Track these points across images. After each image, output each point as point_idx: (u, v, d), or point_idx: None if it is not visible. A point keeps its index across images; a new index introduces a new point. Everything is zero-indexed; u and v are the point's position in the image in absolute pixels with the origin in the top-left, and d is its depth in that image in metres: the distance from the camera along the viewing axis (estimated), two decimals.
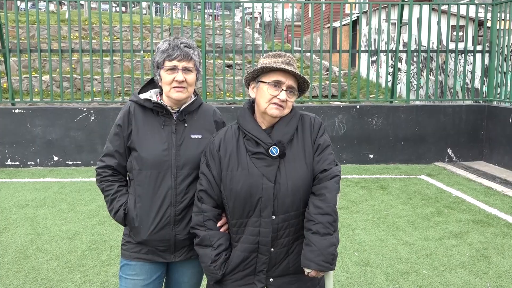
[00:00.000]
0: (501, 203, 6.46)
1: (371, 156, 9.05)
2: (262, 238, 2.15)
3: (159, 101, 2.40)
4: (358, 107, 9.06)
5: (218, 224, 2.25)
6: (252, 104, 2.29)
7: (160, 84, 2.40)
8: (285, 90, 2.14)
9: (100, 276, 4.17)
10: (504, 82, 9.22)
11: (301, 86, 2.24)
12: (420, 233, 5.29)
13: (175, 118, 2.40)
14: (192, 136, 2.39)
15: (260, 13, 31.16)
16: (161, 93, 2.45)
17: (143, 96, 2.44)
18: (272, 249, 2.17)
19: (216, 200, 2.23)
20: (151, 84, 2.51)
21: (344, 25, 20.81)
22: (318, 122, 2.27)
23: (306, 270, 2.11)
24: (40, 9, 20.19)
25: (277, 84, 2.14)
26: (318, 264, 2.07)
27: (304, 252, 2.11)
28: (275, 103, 2.14)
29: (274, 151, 2.15)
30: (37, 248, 4.80)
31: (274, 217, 2.14)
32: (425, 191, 7.10)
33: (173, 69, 2.31)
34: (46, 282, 4.06)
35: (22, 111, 8.62)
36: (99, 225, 5.47)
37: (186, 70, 2.33)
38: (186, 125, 2.40)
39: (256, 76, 2.22)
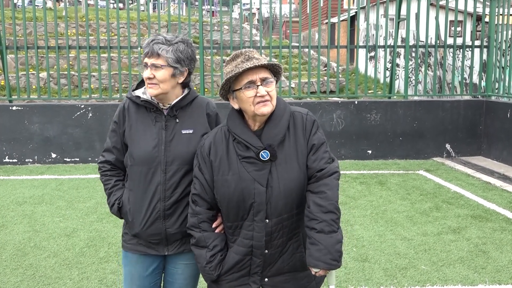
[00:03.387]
0: (499, 198, 6.46)
1: (370, 151, 9.05)
2: (256, 242, 2.13)
3: (147, 98, 2.41)
4: (356, 102, 9.05)
5: (214, 225, 2.24)
6: None
7: None
8: (260, 85, 2.07)
9: (98, 273, 4.17)
10: (502, 77, 9.21)
11: (274, 71, 2.14)
12: (418, 229, 5.29)
13: (165, 114, 2.41)
14: (183, 132, 2.39)
15: (258, 9, 31.09)
16: None
17: (136, 92, 2.47)
18: (267, 251, 2.15)
19: (210, 202, 2.21)
20: None
21: (342, 20, 20.78)
22: (310, 119, 2.19)
23: (314, 270, 2.07)
24: (37, 6, 20.13)
25: (250, 85, 2.06)
26: (326, 263, 2.02)
27: (310, 252, 2.05)
28: (259, 102, 2.06)
29: (265, 155, 2.09)
30: (35, 245, 4.79)
31: (267, 220, 2.11)
32: (423, 186, 7.10)
33: (145, 65, 2.34)
34: (44, 279, 4.05)
35: (20, 108, 8.60)
36: (97, 222, 5.46)
37: (154, 66, 2.31)
38: (177, 120, 2.41)
39: (227, 89, 2.14)
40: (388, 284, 3.98)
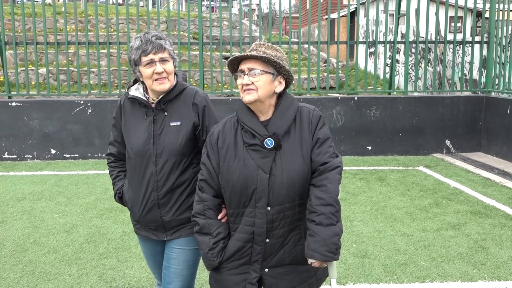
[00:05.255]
0: (499, 194, 6.46)
1: (369, 147, 9.04)
2: (257, 228, 2.18)
3: (133, 94, 2.55)
4: (356, 98, 9.03)
5: (219, 217, 2.28)
6: None
7: (141, 79, 2.52)
8: (247, 74, 2.15)
9: (97, 269, 4.17)
10: (502, 73, 9.20)
11: (276, 66, 2.18)
12: (418, 225, 5.29)
13: (154, 108, 2.52)
14: (171, 124, 2.51)
15: (257, 4, 31.03)
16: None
17: (131, 89, 2.60)
18: (267, 240, 2.19)
19: (216, 190, 2.26)
20: None
21: (342, 16, 20.73)
22: (317, 115, 2.26)
23: (310, 261, 2.13)
24: (36, 1, 20.07)
25: (240, 74, 2.18)
26: (322, 254, 2.07)
27: (308, 243, 2.11)
28: (244, 90, 2.17)
29: (269, 143, 2.16)
30: (34, 241, 4.79)
31: (269, 208, 2.16)
32: (423, 182, 7.09)
33: (151, 62, 2.42)
34: (43, 275, 4.05)
35: (19, 104, 8.59)
36: (97, 218, 5.46)
37: (162, 60, 2.44)
38: (166, 113, 2.52)
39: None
40: (387, 280, 3.98)
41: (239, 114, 2.25)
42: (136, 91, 2.56)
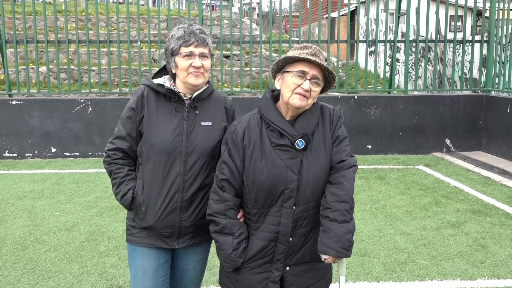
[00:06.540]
0: (498, 193, 6.47)
1: (369, 146, 9.05)
2: (282, 228, 2.18)
3: (171, 87, 2.39)
4: (356, 97, 9.04)
5: (238, 217, 2.26)
6: (273, 93, 2.27)
7: (174, 71, 2.39)
8: (309, 80, 2.12)
9: (98, 267, 4.18)
10: (503, 72, 9.20)
11: (327, 78, 2.20)
12: (417, 223, 5.30)
13: (187, 105, 2.40)
14: (203, 124, 2.40)
15: (258, 3, 31.00)
16: (174, 80, 2.45)
17: (156, 81, 2.44)
18: (291, 239, 2.20)
19: (237, 189, 2.23)
20: (165, 70, 2.50)
21: (342, 15, 20.73)
22: (337, 114, 2.29)
23: (323, 257, 2.14)
24: (37, 0, 20.05)
25: (301, 74, 2.12)
26: (336, 251, 2.09)
27: (321, 239, 2.12)
28: (298, 93, 2.12)
29: (300, 144, 2.15)
30: (35, 239, 4.80)
31: (295, 207, 2.16)
32: (423, 181, 7.10)
33: (190, 55, 2.32)
34: (44, 273, 4.06)
35: (20, 102, 8.60)
36: (97, 216, 5.47)
37: (202, 56, 2.34)
38: (197, 112, 2.41)
39: (281, 67, 2.21)
40: (387, 279, 3.99)
41: (265, 112, 2.21)
42: (166, 85, 2.41)
